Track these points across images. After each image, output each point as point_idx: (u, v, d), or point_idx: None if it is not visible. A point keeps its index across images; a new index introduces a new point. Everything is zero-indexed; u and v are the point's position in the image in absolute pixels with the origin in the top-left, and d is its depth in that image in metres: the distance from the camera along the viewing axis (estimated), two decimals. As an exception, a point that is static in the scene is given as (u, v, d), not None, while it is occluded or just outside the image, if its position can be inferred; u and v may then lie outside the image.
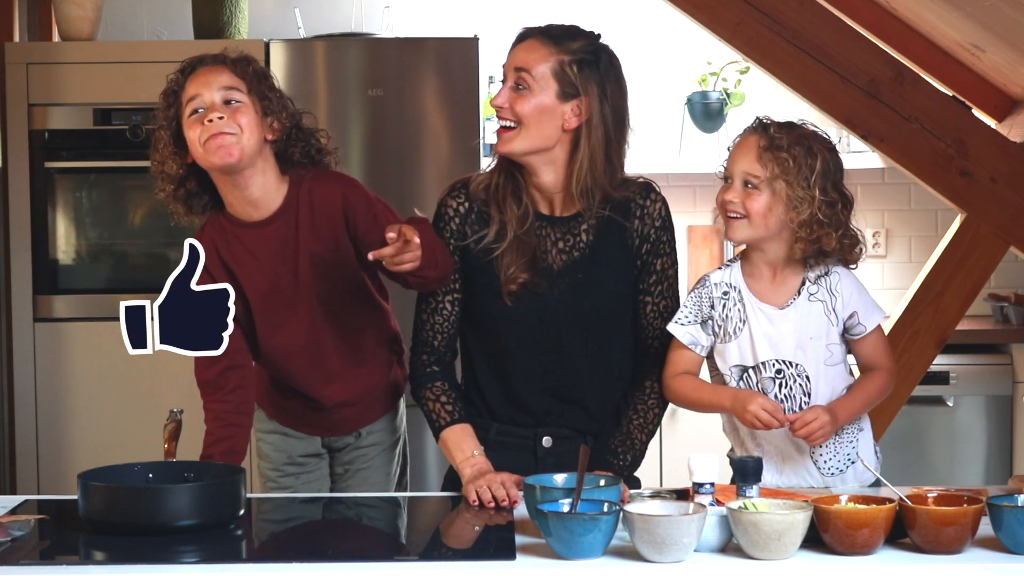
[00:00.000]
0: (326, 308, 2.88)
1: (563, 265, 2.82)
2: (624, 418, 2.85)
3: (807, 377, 2.78)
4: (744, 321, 2.80)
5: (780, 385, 2.78)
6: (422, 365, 2.88)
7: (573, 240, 2.82)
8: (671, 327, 2.82)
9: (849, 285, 2.82)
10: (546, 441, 2.84)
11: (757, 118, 2.85)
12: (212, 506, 2.47)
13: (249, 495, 2.71)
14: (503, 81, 2.80)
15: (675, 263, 2.88)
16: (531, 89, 2.75)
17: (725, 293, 2.82)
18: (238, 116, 2.77)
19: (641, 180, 2.87)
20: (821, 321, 2.80)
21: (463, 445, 2.78)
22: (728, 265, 2.87)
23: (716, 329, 2.81)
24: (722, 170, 2.88)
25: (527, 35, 2.81)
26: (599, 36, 2.83)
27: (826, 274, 2.82)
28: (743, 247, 2.89)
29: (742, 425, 2.79)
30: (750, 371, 2.80)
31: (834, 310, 2.80)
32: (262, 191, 2.84)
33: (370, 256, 2.63)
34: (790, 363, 2.78)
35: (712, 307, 2.82)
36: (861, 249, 2.83)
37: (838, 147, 2.89)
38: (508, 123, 2.77)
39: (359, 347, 2.95)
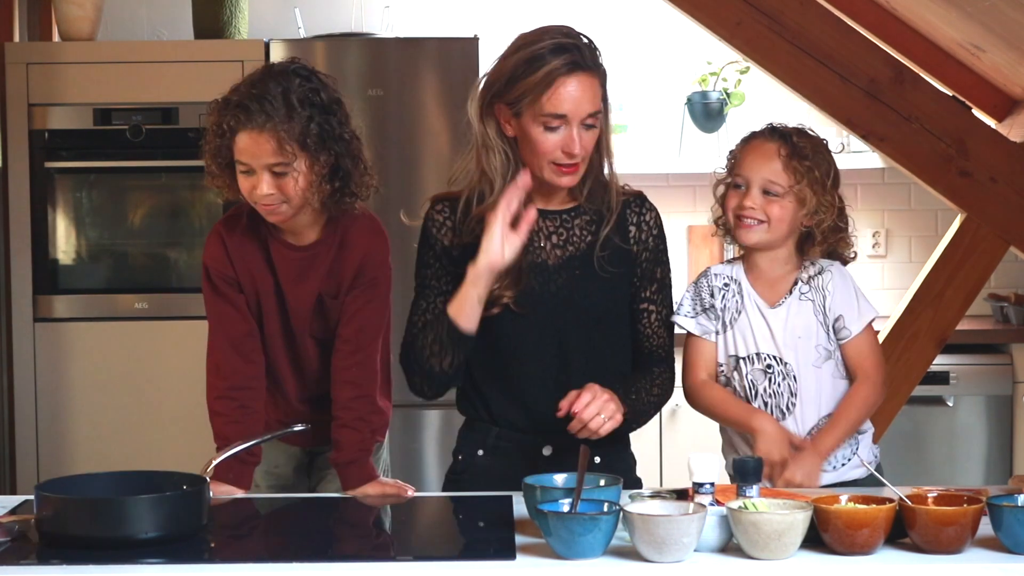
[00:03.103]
0: (315, 339, 2.88)
1: (559, 260, 2.81)
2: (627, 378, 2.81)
3: (794, 377, 2.80)
4: (740, 312, 2.83)
5: (770, 380, 2.81)
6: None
7: (567, 234, 2.82)
8: (678, 319, 2.85)
9: (840, 285, 2.85)
10: (546, 450, 2.83)
11: (769, 124, 2.87)
12: (174, 518, 2.35)
13: (249, 495, 2.71)
14: (568, 125, 2.69)
15: (670, 271, 2.89)
16: (596, 127, 2.75)
17: (725, 284, 2.87)
18: (285, 187, 2.71)
19: (631, 188, 2.88)
20: (810, 321, 2.83)
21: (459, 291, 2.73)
22: (731, 262, 2.90)
23: (715, 317, 2.84)
24: (722, 171, 2.89)
25: (580, 68, 2.69)
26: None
27: (819, 273, 2.84)
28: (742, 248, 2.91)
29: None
30: (742, 361, 2.82)
31: (824, 308, 2.82)
32: (297, 225, 2.82)
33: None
34: (779, 359, 2.80)
35: (712, 295, 2.85)
36: (855, 252, 2.94)
37: (839, 147, 2.92)
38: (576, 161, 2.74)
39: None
